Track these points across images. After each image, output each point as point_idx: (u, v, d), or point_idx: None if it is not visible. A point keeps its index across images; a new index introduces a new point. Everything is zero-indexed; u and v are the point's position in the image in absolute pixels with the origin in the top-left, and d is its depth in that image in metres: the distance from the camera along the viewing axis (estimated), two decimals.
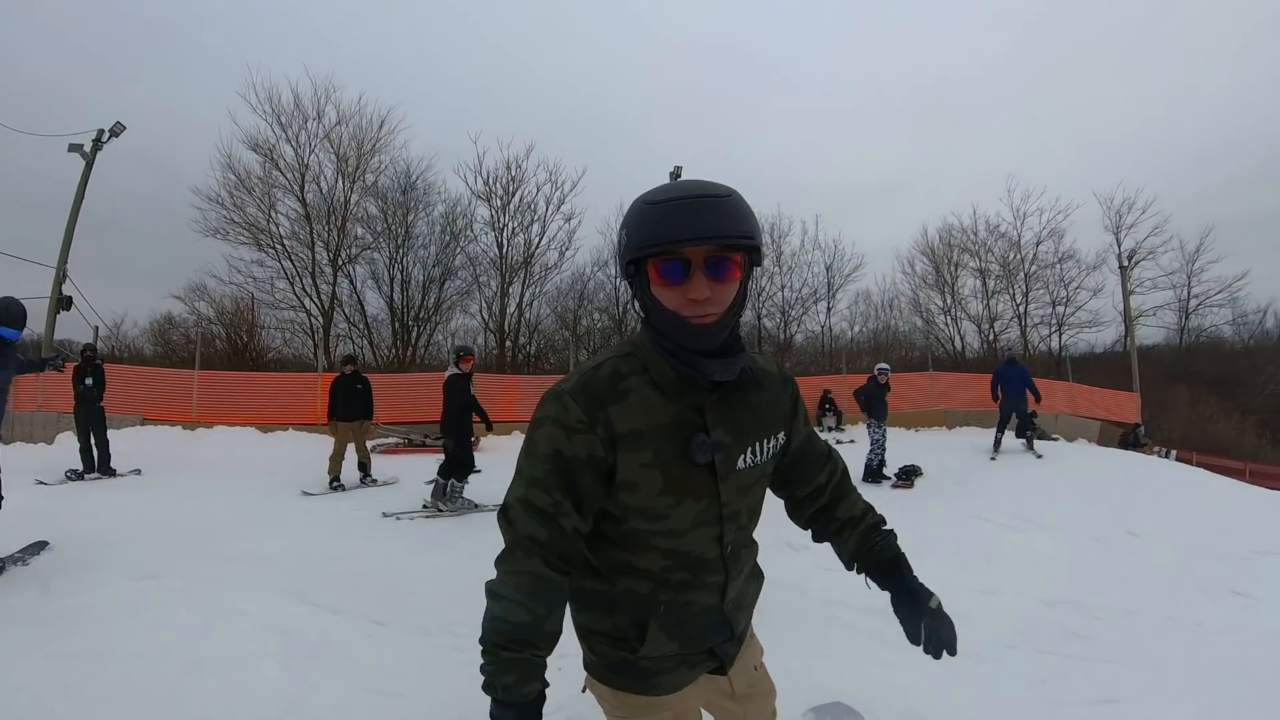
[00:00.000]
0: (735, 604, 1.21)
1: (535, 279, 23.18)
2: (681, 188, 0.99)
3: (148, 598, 3.80)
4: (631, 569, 1.12)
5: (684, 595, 1.14)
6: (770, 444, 1.17)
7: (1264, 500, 7.48)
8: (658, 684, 1.15)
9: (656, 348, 1.04)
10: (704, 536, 1.11)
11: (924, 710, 2.69)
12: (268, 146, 19.86)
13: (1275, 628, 3.83)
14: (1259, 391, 27.82)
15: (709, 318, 0.99)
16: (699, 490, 1.07)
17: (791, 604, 3.91)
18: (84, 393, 8.39)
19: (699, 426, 1.05)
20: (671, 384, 1.04)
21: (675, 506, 1.05)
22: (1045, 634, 3.62)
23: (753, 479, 1.15)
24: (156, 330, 21.94)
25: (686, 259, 0.96)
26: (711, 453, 1.05)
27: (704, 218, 0.94)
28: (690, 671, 1.19)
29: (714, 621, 1.18)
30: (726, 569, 1.15)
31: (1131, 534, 5.71)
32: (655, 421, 1.03)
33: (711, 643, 1.19)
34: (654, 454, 1.03)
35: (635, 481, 1.03)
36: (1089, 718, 2.75)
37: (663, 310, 1.00)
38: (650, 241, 0.95)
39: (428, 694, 2.82)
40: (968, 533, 5.72)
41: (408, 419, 13.11)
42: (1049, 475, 8.14)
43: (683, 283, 0.97)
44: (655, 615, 1.12)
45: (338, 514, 6.61)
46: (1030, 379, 10.17)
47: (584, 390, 1.02)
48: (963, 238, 26.89)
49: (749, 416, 1.13)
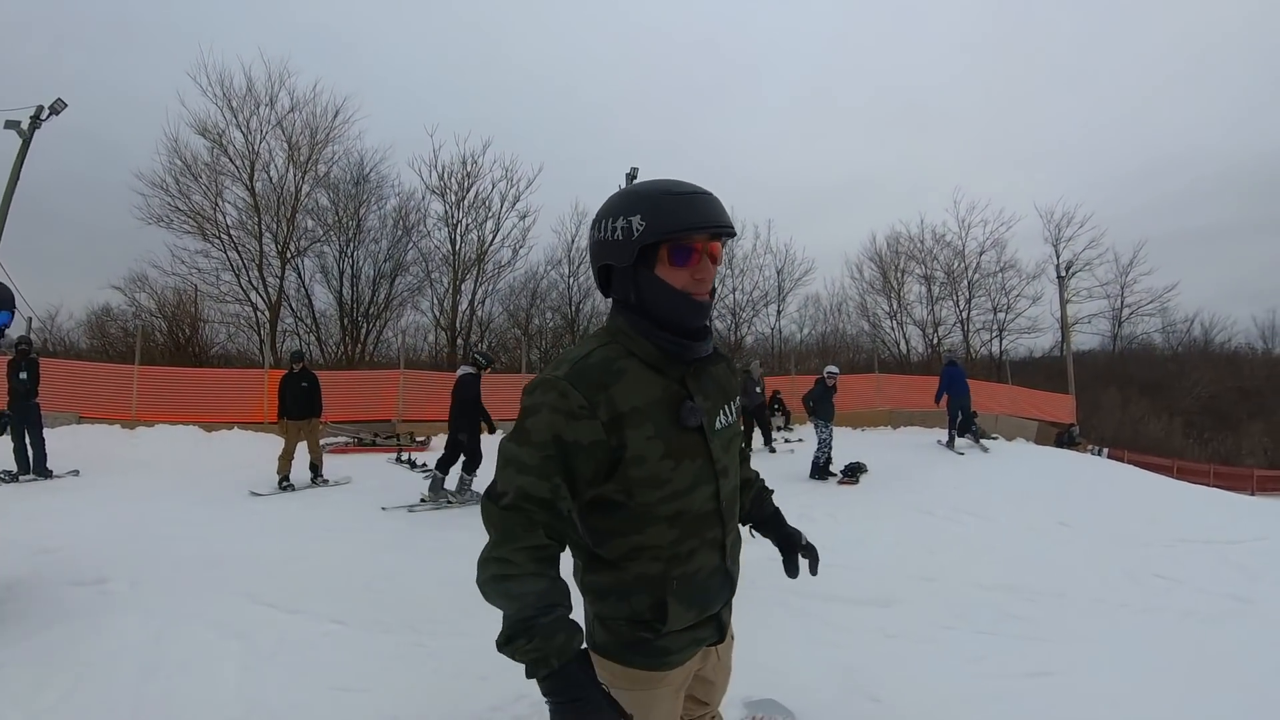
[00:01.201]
0: (733, 556, 1.31)
1: (488, 276, 23.10)
2: (686, 184, 1.15)
3: (93, 603, 3.67)
4: (641, 552, 1.18)
5: (693, 565, 1.21)
6: (734, 406, 1.33)
7: (1187, 493, 8.05)
8: (670, 660, 1.22)
9: (637, 331, 1.17)
10: (703, 494, 1.20)
11: (869, 687, 2.84)
12: (217, 132, 19.17)
13: (1194, 607, 4.15)
14: (1186, 394, 29.72)
15: (706, 295, 1.17)
16: (693, 451, 1.18)
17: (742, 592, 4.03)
18: (18, 388, 7.89)
19: (684, 395, 1.18)
20: (658, 361, 1.16)
21: (676, 469, 1.15)
22: (982, 616, 3.83)
23: (729, 437, 1.29)
24: (93, 323, 20.97)
25: (694, 245, 1.13)
26: (699, 417, 1.17)
27: (715, 210, 1.13)
28: (697, 646, 1.27)
29: (721, 580, 1.27)
30: (723, 522, 1.25)
31: (1063, 524, 6.06)
32: (650, 397, 1.14)
33: (721, 603, 1.29)
34: (654, 426, 1.13)
35: (643, 455, 1.12)
36: (1023, 689, 2.94)
37: (669, 291, 1.14)
38: (680, 226, 1.09)
39: (391, 689, 2.83)
40: (910, 524, 5.98)
41: (357, 418, 12.86)
42: (988, 471, 8.54)
43: (689, 265, 1.13)
44: (671, 593, 1.18)
45: (288, 514, 6.47)
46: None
47: (581, 376, 1.10)
48: (910, 245, 28.06)
49: (715, 384, 1.27)
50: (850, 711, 2.68)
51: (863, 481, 8.18)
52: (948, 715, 2.67)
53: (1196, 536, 5.78)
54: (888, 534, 5.55)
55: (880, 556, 4.97)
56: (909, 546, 5.28)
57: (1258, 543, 5.68)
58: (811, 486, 7.98)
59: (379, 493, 7.67)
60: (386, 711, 2.64)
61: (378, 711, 2.65)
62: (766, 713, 2.58)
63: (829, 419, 8.67)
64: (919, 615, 3.80)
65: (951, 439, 11.06)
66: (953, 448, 10.90)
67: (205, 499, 7.08)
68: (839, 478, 8.32)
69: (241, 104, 19.44)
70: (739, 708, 2.58)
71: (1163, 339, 32.03)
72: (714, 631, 1.31)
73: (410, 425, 12.87)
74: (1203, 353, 32.37)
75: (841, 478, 8.30)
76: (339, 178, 21.23)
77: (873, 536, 5.49)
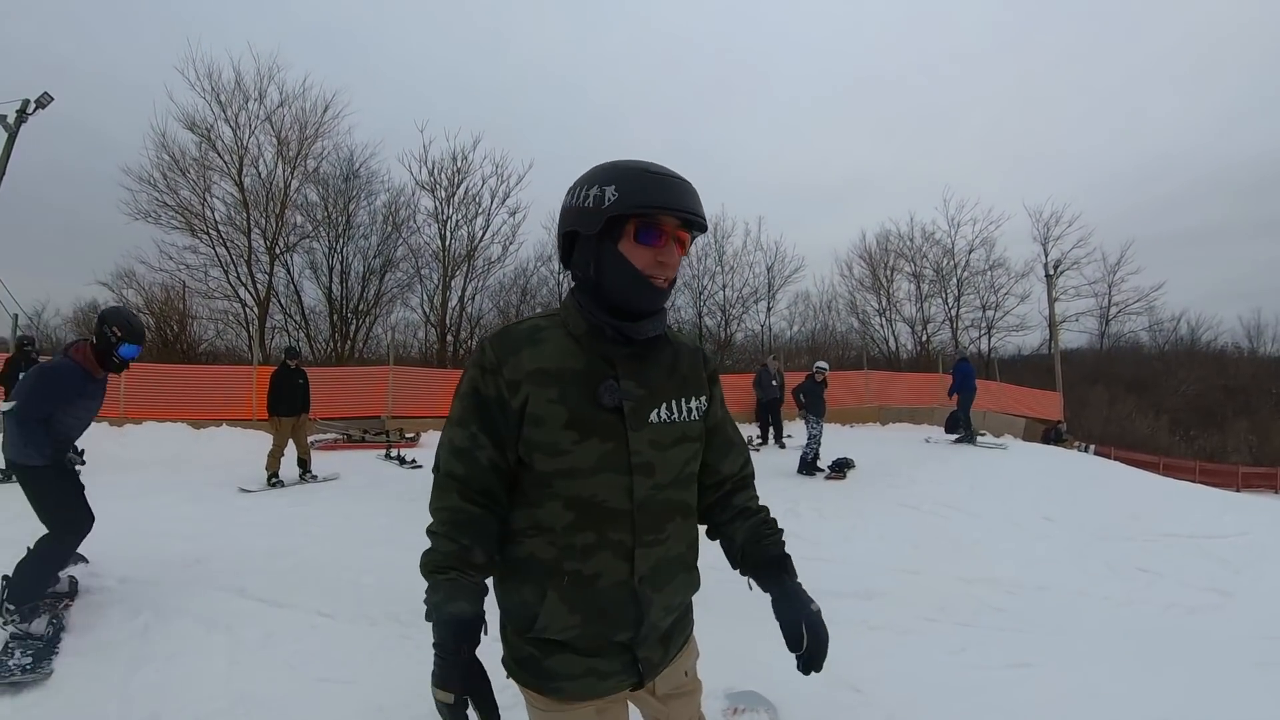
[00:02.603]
0: (649, 583, 1.16)
1: (478, 273, 22.94)
2: (667, 168, 1.12)
3: (81, 597, 3.67)
4: (536, 529, 1.14)
5: (590, 565, 1.12)
6: (689, 404, 1.22)
7: (1171, 489, 8.14)
8: (560, 689, 1.15)
9: (579, 309, 1.15)
10: (611, 484, 1.12)
11: (851, 677, 2.88)
12: (205, 126, 18.94)
13: (1175, 599, 4.22)
14: (1172, 392, 30.08)
15: (666, 282, 1.13)
16: (605, 432, 1.11)
17: (726, 585, 4.06)
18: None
19: (609, 375, 1.13)
20: (584, 336, 1.14)
21: (579, 443, 1.10)
22: (964, 608, 3.89)
23: (671, 437, 1.18)
24: (81, 319, 20.72)
25: (664, 228, 1.10)
26: (619, 398, 1.12)
27: (690, 198, 1.10)
28: (601, 683, 1.17)
29: (622, 600, 1.14)
30: (635, 528, 1.14)
31: (1048, 519, 6.13)
32: (566, 365, 1.12)
33: (627, 631, 1.16)
34: (559, 392, 1.10)
35: (540, 415, 1.10)
36: (1003, 679, 2.99)
37: (628, 269, 1.10)
38: (651, 204, 1.07)
39: (377, 680, 2.85)
40: (895, 519, 6.03)
41: (346, 414, 12.80)
42: (974, 467, 8.61)
43: (656, 246, 1.10)
44: (557, 585, 1.12)
45: (277, 511, 6.45)
46: None
47: (501, 337, 1.15)
48: (899, 243, 28.19)
49: (661, 374, 1.20)
50: (832, 702, 2.71)
51: (850, 477, 8.24)
52: (928, 705, 2.71)
53: (1180, 531, 5.86)
54: (873, 528, 5.60)
55: (865, 550, 5.02)
56: (893, 541, 5.34)
57: (1240, 538, 5.77)
58: (799, 481, 8.03)
59: (367, 489, 7.68)
60: (372, 702, 2.66)
61: (364, 702, 2.67)
62: (747, 704, 2.61)
63: (820, 415, 8.73)
64: (901, 608, 3.85)
65: (970, 434, 11.30)
66: (973, 442, 11.14)
67: (194, 496, 7.04)
68: (827, 473, 8.38)
69: (230, 98, 19.24)
70: (720, 699, 2.61)
71: (1150, 338, 32.49)
72: (624, 668, 1.18)
73: (400, 421, 12.84)
74: (1189, 351, 32.77)
75: (829, 473, 8.36)
76: (328, 173, 21.05)
77: (858, 531, 5.53)
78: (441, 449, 1.17)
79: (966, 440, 11.17)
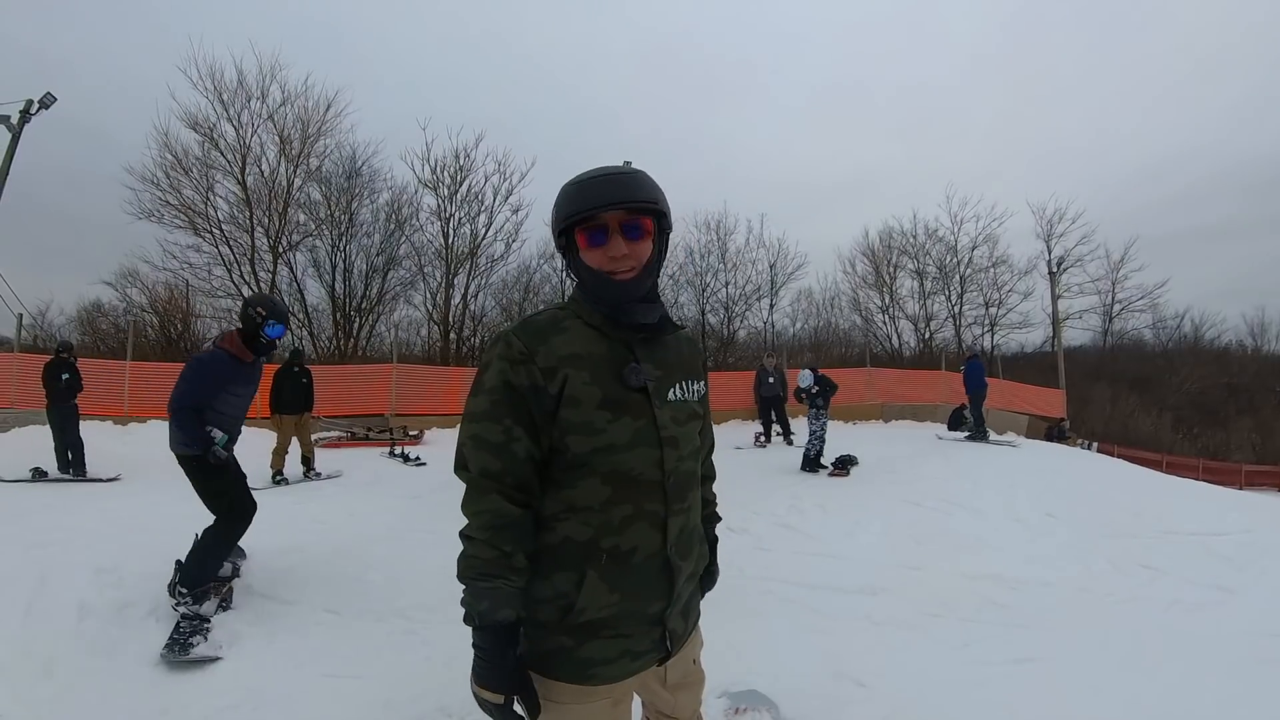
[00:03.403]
0: (677, 551, 1.23)
1: (481, 270, 22.99)
2: (597, 169, 1.20)
3: (87, 596, 3.65)
4: (571, 510, 1.17)
5: (629, 537, 1.17)
6: (695, 385, 1.32)
7: (1175, 487, 8.11)
8: (594, 675, 1.17)
9: (585, 301, 1.22)
10: (645, 457, 1.18)
11: (855, 672, 2.89)
12: (208, 125, 19.06)
13: (1178, 596, 4.22)
14: (1176, 390, 30.04)
15: (630, 273, 1.19)
16: (635, 410, 1.19)
17: (731, 581, 4.09)
18: (63, 390, 8.05)
19: (631, 358, 1.20)
20: (602, 324, 1.21)
21: (614, 422, 1.16)
22: (967, 604, 3.89)
23: (686, 414, 1.28)
24: (84, 319, 20.86)
25: (605, 225, 1.16)
26: (643, 378, 1.19)
27: (615, 188, 1.15)
28: (633, 664, 1.21)
29: (661, 571, 1.21)
30: (667, 497, 1.20)
31: (1050, 516, 6.11)
32: (592, 350, 1.18)
33: (661, 603, 1.21)
34: (592, 374, 1.16)
35: (577, 397, 1.14)
36: (1006, 675, 2.99)
37: (591, 272, 1.19)
38: (574, 211, 1.15)
39: (384, 675, 2.87)
40: (898, 515, 6.01)
41: (350, 412, 12.84)
42: (976, 464, 8.59)
43: (604, 245, 1.16)
44: (595, 565, 1.16)
45: (281, 508, 6.44)
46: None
47: (525, 327, 1.18)
48: (902, 240, 28.19)
49: (672, 356, 1.29)
50: (834, 697, 2.72)
51: (853, 473, 8.23)
52: (931, 701, 2.72)
53: (1182, 529, 5.85)
54: (876, 525, 5.60)
55: (868, 546, 5.03)
56: (897, 537, 5.34)
57: (1243, 535, 5.75)
58: (802, 478, 8.03)
59: (371, 486, 7.70)
60: (380, 697, 2.68)
61: (372, 697, 2.69)
62: (749, 703, 2.61)
63: (824, 407, 8.74)
64: (904, 603, 3.86)
65: (981, 431, 11.20)
66: (985, 439, 11.04)
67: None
68: (830, 469, 8.38)
69: (233, 97, 19.35)
70: (721, 700, 2.62)
71: (1153, 335, 32.39)
72: (654, 644, 1.24)
73: (403, 419, 12.88)
74: (1192, 349, 32.70)
75: (832, 469, 8.36)
76: (331, 171, 21.19)
77: (861, 527, 5.54)
78: (469, 448, 1.16)
79: (978, 438, 11.06)
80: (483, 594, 1.09)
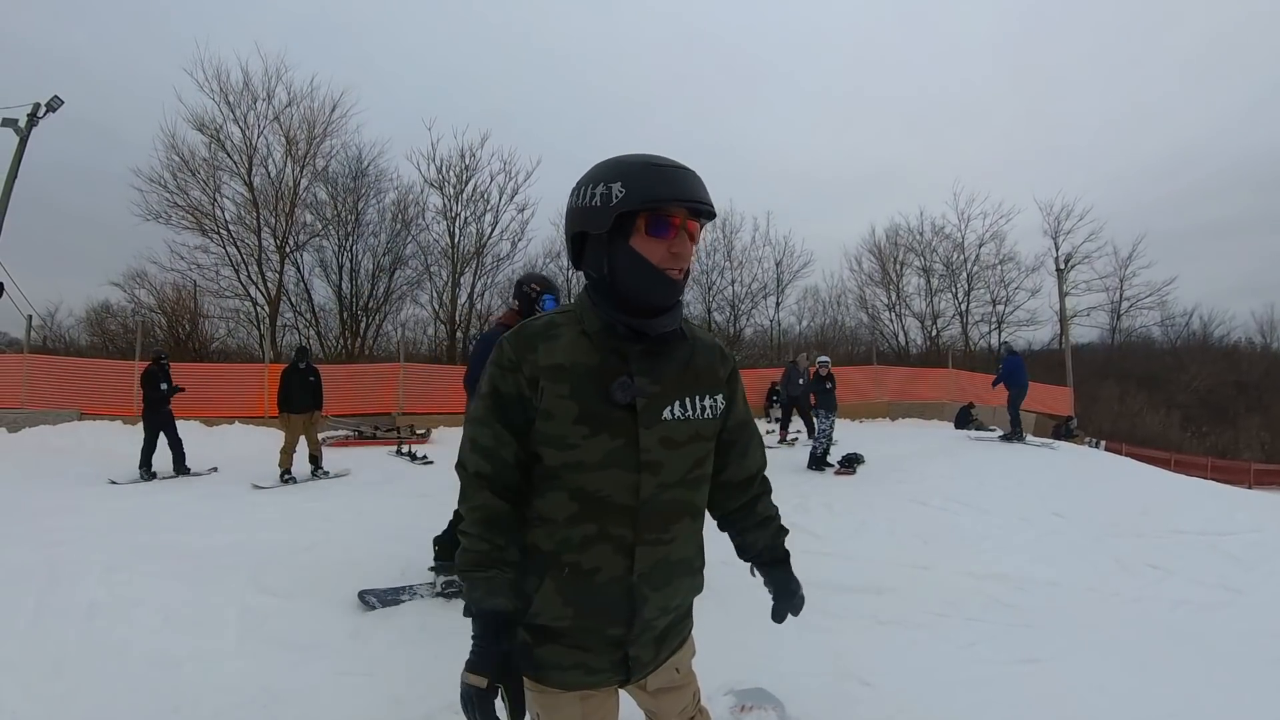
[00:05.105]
0: (648, 581, 1.17)
1: (487, 269, 23.02)
2: (670, 159, 1.12)
3: (98, 596, 3.73)
4: (539, 520, 1.17)
5: (589, 558, 1.14)
6: (706, 402, 1.21)
7: (1182, 485, 8.07)
8: (548, 677, 1.17)
9: (593, 307, 1.16)
10: (617, 480, 1.13)
11: (861, 670, 2.91)
12: (214, 127, 19.13)
13: (1184, 596, 4.21)
14: (1184, 388, 29.82)
15: (681, 273, 1.13)
16: (616, 429, 1.12)
17: (736, 580, 4.09)
18: (162, 396, 8.25)
19: (623, 371, 1.13)
20: (598, 333, 1.14)
21: (588, 439, 1.11)
22: (974, 604, 3.89)
23: (684, 435, 1.18)
24: (93, 320, 21.01)
25: (671, 219, 1.09)
26: (632, 394, 1.12)
27: (697, 187, 1.10)
28: (588, 678, 1.19)
29: (617, 596, 1.16)
30: (637, 524, 1.14)
31: (1057, 515, 6.11)
32: (580, 361, 1.13)
33: (609, 624, 1.17)
34: (572, 388, 1.11)
35: (550, 410, 1.11)
36: (1013, 674, 3.00)
37: (643, 264, 1.10)
38: (659, 196, 1.06)
39: (394, 672, 2.89)
40: (905, 514, 6.02)
41: (357, 411, 12.91)
42: (983, 463, 8.57)
43: (667, 239, 1.09)
44: (555, 576, 1.15)
45: (290, 506, 6.52)
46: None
47: (517, 335, 1.16)
48: (909, 238, 28.03)
49: (676, 369, 1.19)
50: (840, 695, 2.74)
51: (860, 472, 8.24)
52: (937, 700, 2.72)
53: (1190, 528, 5.83)
54: (882, 524, 5.61)
55: (874, 546, 5.04)
56: (903, 536, 5.34)
57: (1252, 534, 5.72)
58: (809, 477, 8.03)
59: (378, 485, 7.75)
60: (391, 693, 2.70)
61: (382, 694, 2.71)
62: (755, 701, 2.62)
63: (832, 410, 8.74)
64: (911, 603, 3.87)
65: (1018, 431, 10.44)
66: (1021, 439, 10.33)
67: (208, 492, 7.15)
68: (836, 468, 8.38)
69: (239, 99, 19.42)
70: (727, 697, 2.63)
71: (1161, 333, 32.12)
72: (613, 666, 1.21)
73: (410, 418, 12.93)
74: (1201, 347, 32.47)
75: (839, 468, 8.36)
76: (337, 172, 21.26)
77: (867, 526, 5.55)
78: (466, 449, 1.19)
79: (1014, 438, 10.33)
80: (477, 584, 1.11)
